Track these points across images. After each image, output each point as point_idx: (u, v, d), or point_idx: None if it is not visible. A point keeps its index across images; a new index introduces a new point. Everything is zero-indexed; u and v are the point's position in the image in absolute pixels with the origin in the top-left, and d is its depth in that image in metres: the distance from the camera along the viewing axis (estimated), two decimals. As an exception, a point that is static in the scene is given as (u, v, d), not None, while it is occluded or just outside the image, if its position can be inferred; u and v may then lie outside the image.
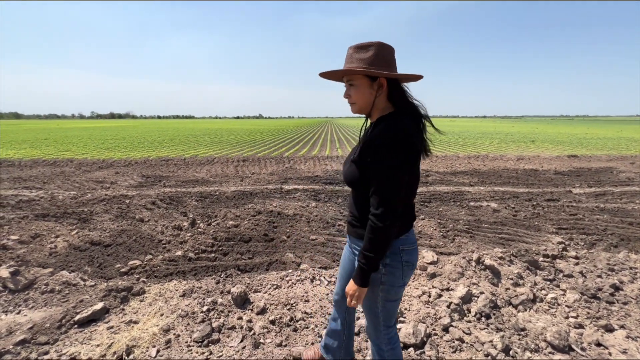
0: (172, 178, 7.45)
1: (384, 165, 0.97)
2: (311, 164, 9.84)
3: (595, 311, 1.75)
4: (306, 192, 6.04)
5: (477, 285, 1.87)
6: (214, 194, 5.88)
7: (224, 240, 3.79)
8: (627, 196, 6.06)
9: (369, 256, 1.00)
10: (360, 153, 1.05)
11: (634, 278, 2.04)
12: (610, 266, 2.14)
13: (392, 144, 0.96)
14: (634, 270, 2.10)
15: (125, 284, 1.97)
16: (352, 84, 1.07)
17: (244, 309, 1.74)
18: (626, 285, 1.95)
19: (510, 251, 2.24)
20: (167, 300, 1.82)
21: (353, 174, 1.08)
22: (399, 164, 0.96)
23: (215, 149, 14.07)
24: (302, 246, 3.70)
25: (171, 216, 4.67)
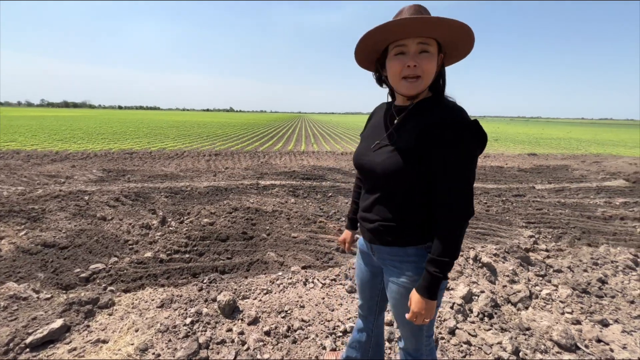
0: (138, 172, 6.89)
1: (463, 152, 0.83)
2: (287, 159, 9.62)
3: (588, 306, 1.79)
4: (284, 188, 5.85)
5: (477, 284, 1.84)
6: (185, 190, 5.50)
7: (199, 239, 3.51)
8: (583, 192, 6.50)
9: (446, 262, 0.84)
10: (415, 139, 0.87)
11: (616, 271, 2.13)
12: (594, 260, 2.23)
13: (470, 129, 0.83)
14: (615, 264, 2.20)
15: (89, 295, 1.69)
16: (427, 50, 0.85)
17: (234, 319, 1.56)
18: (610, 278, 2.03)
19: (503, 247, 2.25)
20: (142, 312, 1.58)
21: (400, 164, 0.87)
22: (476, 152, 0.85)
23: (184, 142, 13.33)
24: (284, 244, 3.54)
25: (138, 214, 4.28)
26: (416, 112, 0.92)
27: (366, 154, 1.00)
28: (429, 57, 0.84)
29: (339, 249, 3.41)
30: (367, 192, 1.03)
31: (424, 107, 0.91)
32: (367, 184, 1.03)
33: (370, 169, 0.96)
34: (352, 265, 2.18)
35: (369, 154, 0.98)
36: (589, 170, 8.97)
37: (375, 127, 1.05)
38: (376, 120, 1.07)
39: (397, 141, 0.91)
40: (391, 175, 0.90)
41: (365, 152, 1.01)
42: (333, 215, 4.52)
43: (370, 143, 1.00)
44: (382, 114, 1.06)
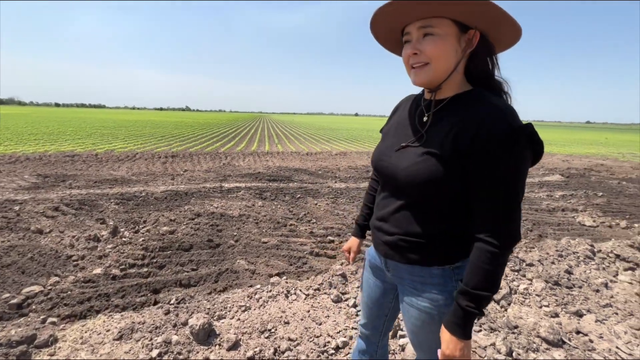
0: (82, 177, 6.14)
1: (513, 163, 0.67)
2: (251, 160, 9.27)
3: (561, 298, 1.88)
4: (250, 190, 5.58)
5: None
6: (140, 195, 5.00)
7: (158, 250, 3.17)
8: (528, 186, 7.10)
9: (485, 296, 0.69)
10: (450, 143, 0.72)
11: (578, 262, 2.29)
12: (559, 252, 2.38)
13: (523, 134, 0.66)
14: (577, 255, 2.37)
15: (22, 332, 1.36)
16: (431, 33, 0.71)
17: (210, 345, 1.35)
18: (575, 269, 2.17)
19: None
20: (94, 348, 1.30)
21: (436, 172, 0.73)
22: (527, 164, 0.69)
23: (136, 143, 12.26)
24: (254, 250, 3.33)
25: (83, 224, 3.77)
26: (451, 109, 0.77)
27: (388, 154, 0.85)
28: (433, 40, 0.71)
29: (312, 252, 3.29)
30: (386, 198, 0.88)
31: (461, 103, 0.76)
32: (386, 189, 0.88)
33: (392, 174, 0.82)
34: (336, 272, 2.06)
35: (392, 156, 0.83)
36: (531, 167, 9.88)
37: (400, 124, 0.89)
38: (402, 115, 0.91)
39: (427, 143, 0.76)
40: (417, 184, 0.76)
41: (388, 152, 0.86)
42: (303, 218, 4.39)
43: (393, 142, 0.86)
44: (408, 107, 0.90)
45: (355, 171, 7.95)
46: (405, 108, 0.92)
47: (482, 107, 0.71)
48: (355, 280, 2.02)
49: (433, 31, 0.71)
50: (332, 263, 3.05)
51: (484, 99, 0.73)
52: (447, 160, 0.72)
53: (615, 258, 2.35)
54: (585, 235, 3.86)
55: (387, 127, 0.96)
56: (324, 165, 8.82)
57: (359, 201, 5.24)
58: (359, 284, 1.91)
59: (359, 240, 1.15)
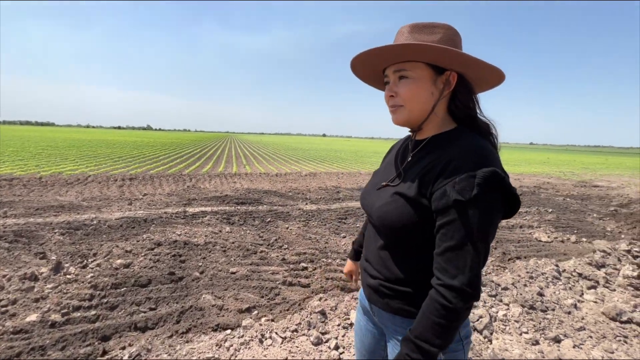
0: (20, 204, 5.45)
1: (474, 208, 0.62)
2: (218, 182, 8.90)
3: (538, 322, 1.89)
4: (216, 215, 5.29)
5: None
6: (90, 224, 4.51)
7: (110, 287, 2.82)
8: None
9: (429, 351, 0.63)
10: (421, 186, 0.69)
11: (547, 283, 2.36)
12: (529, 274, 2.45)
13: (487, 177, 0.62)
14: (545, 276, 2.45)
15: None
16: (405, 76, 0.72)
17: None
18: (545, 290, 2.23)
19: None
20: None
21: (404, 214, 0.70)
22: (493, 209, 0.63)
23: (88, 165, 11.31)
24: (221, 282, 3.07)
25: (18, 260, 3.27)
26: (430, 149, 0.75)
27: (370, 192, 0.84)
28: (407, 83, 0.72)
29: (285, 281, 3.11)
30: (369, 237, 0.86)
31: (439, 142, 0.74)
32: (370, 228, 0.87)
33: (369, 212, 0.82)
34: (314, 309, 1.92)
35: (372, 194, 0.82)
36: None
37: (388, 163, 0.89)
38: (392, 154, 0.91)
39: (402, 184, 0.74)
40: (387, 225, 0.73)
41: (370, 190, 0.85)
42: (274, 243, 4.19)
43: (378, 181, 0.85)
44: (398, 147, 0.91)
45: (326, 192, 7.92)
46: (396, 147, 0.93)
47: (454, 146, 0.69)
48: (335, 317, 1.89)
49: (407, 74, 0.72)
50: (307, 293, 2.89)
51: (458, 139, 0.71)
52: (415, 201, 0.69)
53: (579, 277, 2.47)
54: (542, 250, 4.08)
55: (379, 168, 0.95)
56: (294, 186, 8.70)
57: (331, 223, 5.16)
58: (339, 321, 1.79)
59: (355, 262, 1.14)
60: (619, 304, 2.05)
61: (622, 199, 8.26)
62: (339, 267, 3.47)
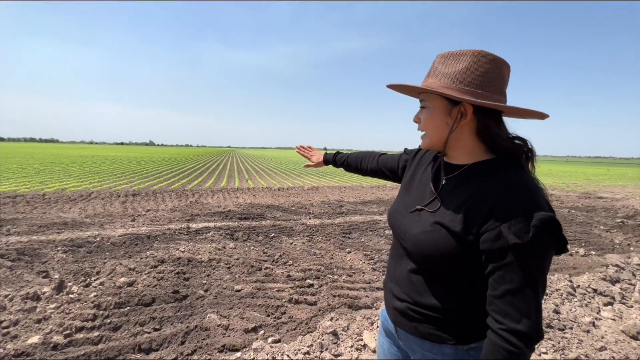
0: (23, 221, 5.43)
1: (532, 251, 0.60)
2: (221, 197, 8.89)
3: (557, 342, 1.83)
4: (220, 231, 5.24)
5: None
6: (93, 241, 4.48)
7: (113, 306, 2.76)
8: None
9: None
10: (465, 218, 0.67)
11: (562, 300, 2.30)
12: (543, 290, 2.37)
13: (544, 221, 0.60)
14: (560, 292, 2.39)
15: None
16: (425, 106, 0.77)
17: None
18: (561, 307, 2.17)
19: None
20: None
21: (445, 246, 0.68)
22: (549, 250, 0.62)
23: (92, 181, 11.35)
24: (226, 301, 3.01)
25: (20, 280, 3.23)
26: (468, 178, 0.74)
27: (402, 214, 0.83)
28: (425, 112, 0.77)
29: (291, 299, 3.04)
30: (397, 258, 0.84)
31: (478, 173, 0.73)
32: (398, 248, 0.85)
33: (402, 236, 0.80)
34: (326, 330, 1.86)
35: (405, 217, 0.81)
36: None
37: (417, 181, 0.87)
38: (421, 170, 0.90)
39: (441, 212, 0.73)
40: (424, 254, 0.72)
41: (402, 211, 0.84)
42: (279, 259, 4.14)
43: (409, 201, 0.84)
44: (428, 164, 0.89)
45: (329, 206, 7.88)
46: (426, 163, 0.90)
47: (498, 182, 0.67)
48: (348, 338, 1.83)
49: (426, 104, 0.77)
50: (314, 312, 2.82)
51: (499, 172, 0.69)
52: (458, 236, 0.67)
53: (594, 293, 2.40)
54: (551, 264, 4.00)
55: (407, 179, 0.94)
56: (297, 200, 8.67)
57: (336, 238, 5.10)
58: (352, 342, 1.73)
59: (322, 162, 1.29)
60: (639, 321, 1.98)
61: (627, 211, 8.17)
62: (346, 284, 3.40)
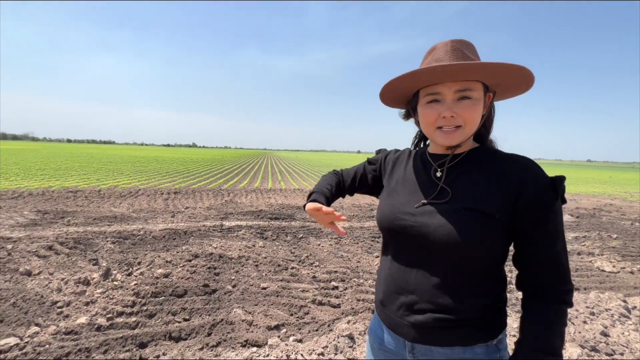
0: (81, 214, 6.04)
1: (558, 213, 0.67)
2: (253, 197, 9.18)
3: (602, 367, 1.64)
4: (251, 230, 5.41)
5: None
6: (137, 234, 4.85)
7: (150, 295, 2.96)
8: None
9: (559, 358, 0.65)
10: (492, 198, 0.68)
11: (613, 321, 2.05)
12: (589, 309, 2.14)
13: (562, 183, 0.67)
14: (610, 312, 2.14)
15: None
16: (469, 97, 0.69)
17: None
18: (611, 330, 1.93)
19: None
20: None
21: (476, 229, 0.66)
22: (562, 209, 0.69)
23: (140, 179, 12.33)
24: (252, 297, 3.09)
25: (75, 265, 3.58)
26: (472, 164, 0.74)
27: (408, 212, 0.75)
28: (471, 105, 0.69)
29: (315, 300, 3.04)
30: (408, 266, 0.75)
31: (480, 157, 0.75)
32: (409, 254, 0.76)
33: (420, 234, 0.72)
34: (342, 332, 1.84)
35: (414, 214, 0.74)
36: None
37: (409, 181, 0.82)
38: (406, 171, 0.85)
39: (462, 199, 0.70)
40: (459, 243, 0.66)
41: (405, 210, 0.76)
42: (305, 260, 4.17)
43: (407, 199, 0.78)
44: (410, 164, 0.85)
45: (359, 209, 7.79)
46: (407, 164, 0.87)
47: (515, 161, 0.71)
48: (364, 342, 1.79)
49: (471, 95, 0.69)
50: (337, 314, 2.80)
51: (506, 154, 0.75)
52: (491, 215, 0.67)
53: (653, 316, 2.11)
54: (606, 282, 3.58)
55: (389, 181, 0.88)
56: (328, 203, 8.69)
57: (364, 242, 5.03)
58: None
59: None
60: None
61: None
62: (371, 289, 3.33)
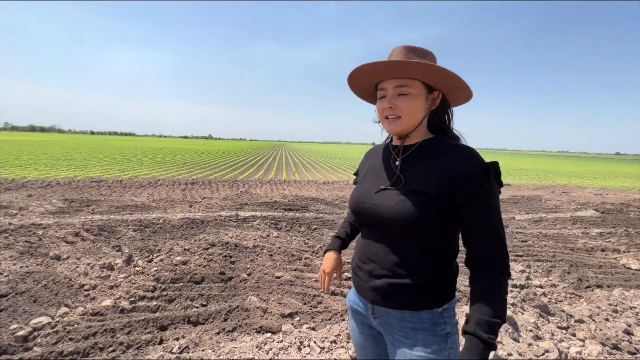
0: (104, 203, 6.30)
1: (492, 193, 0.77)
2: (268, 189, 9.29)
3: (623, 366, 1.59)
4: (265, 220, 5.50)
5: (501, 343, 1.58)
6: (157, 222, 5.02)
7: (170, 281, 3.07)
8: (560, 222, 6.61)
9: (498, 324, 0.70)
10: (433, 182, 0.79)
11: (638, 320, 1.98)
12: (612, 307, 2.07)
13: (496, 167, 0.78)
14: (635, 310, 2.06)
15: None
16: (406, 92, 0.82)
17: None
18: (634, 328, 1.87)
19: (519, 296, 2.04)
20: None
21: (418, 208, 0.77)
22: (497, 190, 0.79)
23: (159, 170, 12.70)
24: (267, 286, 3.16)
25: (100, 251, 3.76)
26: (423, 153, 0.86)
27: (368, 196, 0.89)
28: (407, 99, 0.83)
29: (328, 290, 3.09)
30: (370, 240, 0.90)
31: (431, 147, 0.86)
32: (370, 231, 0.91)
33: (376, 214, 0.85)
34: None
35: (372, 198, 0.87)
36: (561, 201, 9.26)
37: (374, 170, 0.95)
38: (374, 162, 0.98)
39: (409, 184, 0.83)
40: (404, 219, 0.79)
41: (367, 194, 0.89)
42: (319, 250, 4.21)
43: (371, 186, 0.91)
44: (379, 155, 0.98)
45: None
46: (376, 157, 0.99)
47: (453, 150, 0.82)
48: (377, 331, 1.82)
49: (408, 91, 0.82)
50: (350, 304, 2.84)
51: (452, 144, 0.85)
52: (432, 197, 0.78)
53: (682, 316, 2.01)
54: (632, 279, 3.44)
55: (362, 176, 1.00)
56: (341, 195, 8.69)
57: (378, 234, 5.02)
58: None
59: (337, 256, 1.06)
60: None
61: None
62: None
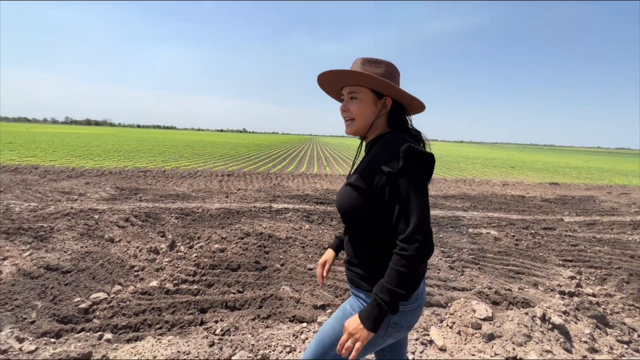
0: (150, 191, 6.79)
1: (405, 175, 0.82)
2: (300, 182, 9.43)
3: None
4: (297, 213, 5.60)
5: (551, 353, 1.49)
6: (197, 212, 5.32)
7: (209, 267, 3.26)
8: (617, 226, 6.02)
9: (396, 293, 0.79)
10: (364, 174, 0.90)
11: None
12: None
13: (405, 150, 0.83)
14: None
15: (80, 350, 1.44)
16: (355, 97, 0.95)
17: (250, 387, 1.28)
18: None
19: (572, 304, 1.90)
20: (139, 371, 1.32)
21: (351, 200, 0.91)
22: (422, 177, 0.85)
23: (198, 162, 13.39)
24: (299, 277, 3.24)
25: (147, 236, 4.07)
26: (370, 150, 0.98)
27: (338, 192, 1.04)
28: (356, 103, 0.94)
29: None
30: None
31: (375, 144, 0.96)
32: None
33: (338, 205, 0.99)
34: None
35: (338, 193, 1.02)
36: (619, 203, 8.42)
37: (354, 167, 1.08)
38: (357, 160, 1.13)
39: (351, 178, 0.96)
40: (344, 210, 0.94)
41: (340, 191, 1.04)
42: (351, 245, 4.22)
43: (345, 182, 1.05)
44: None
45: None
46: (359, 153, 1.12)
47: (383, 143, 0.91)
48: (414, 330, 1.79)
49: (357, 96, 0.95)
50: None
51: (388, 139, 0.91)
52: (359, 189, 0.89)
53: None
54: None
55: None
56: (373, 190, 8.60)
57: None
58: (417, 335, 1.68)
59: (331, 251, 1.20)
60: None
61: None
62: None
